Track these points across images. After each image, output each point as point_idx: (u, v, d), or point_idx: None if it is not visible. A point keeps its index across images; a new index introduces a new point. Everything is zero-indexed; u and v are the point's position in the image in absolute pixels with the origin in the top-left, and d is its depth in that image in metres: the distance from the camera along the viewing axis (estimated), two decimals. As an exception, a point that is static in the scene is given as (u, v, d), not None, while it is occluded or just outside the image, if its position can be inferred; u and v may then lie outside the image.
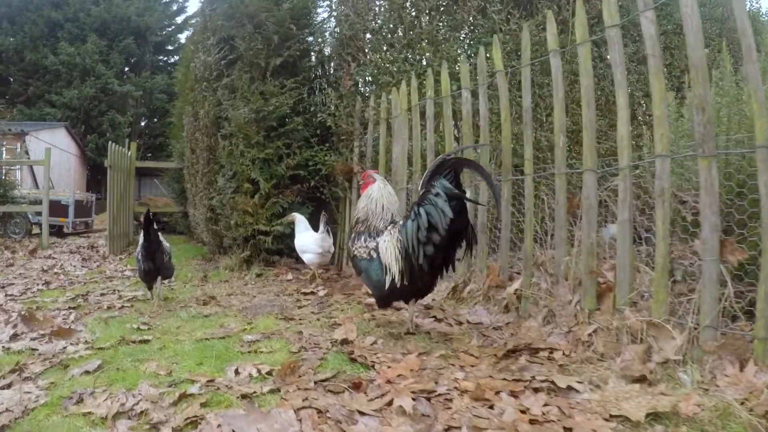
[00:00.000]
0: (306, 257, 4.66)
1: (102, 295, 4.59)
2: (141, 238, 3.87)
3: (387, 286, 2.68)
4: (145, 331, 3.20)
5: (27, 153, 18.21)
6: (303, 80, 5.92)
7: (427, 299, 3.47)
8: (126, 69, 28.35)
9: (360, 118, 5.62)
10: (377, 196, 2.93)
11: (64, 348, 2.83)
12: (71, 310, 3.91)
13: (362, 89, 5.89)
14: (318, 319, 3.43)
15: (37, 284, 5.28)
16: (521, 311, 3.17)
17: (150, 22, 27.74)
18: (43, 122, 23.33)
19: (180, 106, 12.73)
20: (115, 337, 2.99)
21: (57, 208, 13.32)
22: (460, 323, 3.13)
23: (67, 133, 23.68)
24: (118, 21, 26.81)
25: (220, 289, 4.74)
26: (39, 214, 11.07)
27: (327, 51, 6.51)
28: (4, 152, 18.93)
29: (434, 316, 3.27)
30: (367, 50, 5.80)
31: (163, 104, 27.38)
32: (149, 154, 27.06)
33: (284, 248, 5.72)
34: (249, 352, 2.66)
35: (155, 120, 28.77)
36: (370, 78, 5.73)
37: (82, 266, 6.92)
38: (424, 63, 5.46)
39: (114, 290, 4.75)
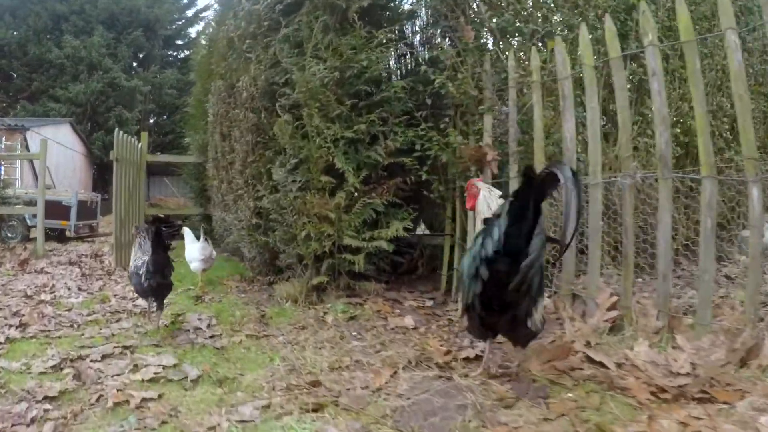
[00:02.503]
0: (193, 266, 4.81)
1: (105, 357, 2.70)
2: (144, 249, 3.25)
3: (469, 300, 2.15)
4: None
5: (27, 150, 16.36)
6: (399, 30, 4.04)
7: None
8: (134, 64, 26.50)
9: (494, 82, 3.74)
10: (480, 208, 2.60)
11: None
12: (49, 407, 2.04)
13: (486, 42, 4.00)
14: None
15: (9, 326, 3.40)
16: None
17: (160, 15, 25.87)
18: (46, 118, 21.48)
19: (198, 92, 10.88)
20: None
21: (58, 210, 11.47)
22: None
23: (72, 129, 21.78)
24: (127, 13, 24.95)
25: (305, 346, 2.82)
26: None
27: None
28: (3, 149, 17.09)
29: None
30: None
31: (173, 100, 25.56)
32: (158, 153, 25.13)
33: (372, 270, 3.85)
34: None
35: (165, 117, 26.89)
36: (499, 27, 3.84)
37: (80, 288, 5.03)
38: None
39: (124, 348, 2.84)
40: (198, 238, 4.83)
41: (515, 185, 3.63)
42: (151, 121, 26.84)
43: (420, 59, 4.37)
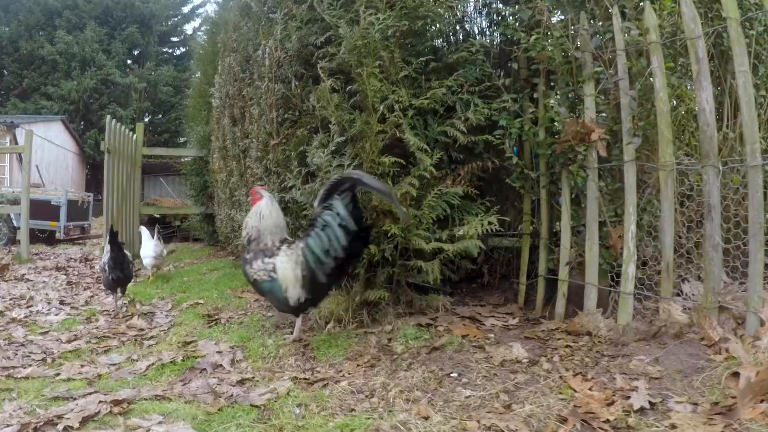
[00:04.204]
0: (146, 261, 5.05)
1: (86, 422, 1.74)
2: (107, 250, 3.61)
3: (292, 301, 2.55)
4: None
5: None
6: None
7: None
8: (129, 61, 25.36)
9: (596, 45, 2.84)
10: (266, 212, 2.75)
11: None
12: None
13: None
14: None
15: (-40, 360, 2.45)
16: None
17: (155, 10, 24.74)
18: (37, 115, 20.35)
19: (198, 83, 9.91)
20: None
21: (46, 210, 10.49)
22: None
23: (64, 127, 20.63)
24: (121, 8, 23.82)
25: (388, 399, 1.84)
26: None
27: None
28: (-9, 146, 15.99)
29: None
30: None
31: (169, 98, 24.48)
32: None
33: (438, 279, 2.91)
34: None
35: (160, 115, 25.75)
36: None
37: (63, 301, 4.06)
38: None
39: (115, 403, 1.87)
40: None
41: (631, 171, 2.77)
42: (146, 119, 25.65)
43: (500, 14, 3.45)
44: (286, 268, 2.55)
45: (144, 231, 5.45)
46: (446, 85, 2.76)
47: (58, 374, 2.25)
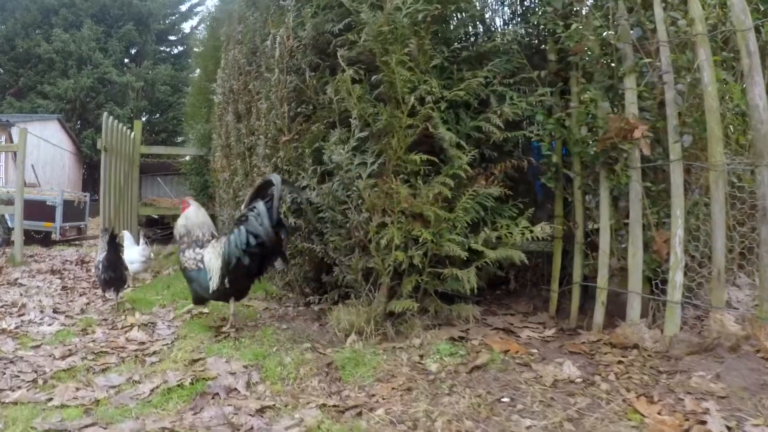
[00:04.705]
0: (133, 267, 4.68)
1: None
2: (103, 250, 3.80)
3: (212, 290, 2.83)
4: None
5: (11, 146, 14.92)
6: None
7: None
8: (126, 60, 24.96)
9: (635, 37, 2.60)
10: (193, 215, 3.11)
11: None
12: None
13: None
14: None
15: (-61, 381, 2.17)
16: None
17: (153, 8, 24.33)
18: (33, 114, 19.96)
19: (197, 80, 9.63)
20: None
21: (42, 210, 10.17)
22: None
23: (60, 126, 20.26)
24: (118, 5, 23.42)
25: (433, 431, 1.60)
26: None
27: None
28: (-15, 145, 15.64)
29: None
30: None
31: (167, 97, 24.11)
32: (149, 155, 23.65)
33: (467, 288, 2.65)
34: None
35: (157, 115, 25.37)
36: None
37: (57, 310, 3.77)
38: None
39: None
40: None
41: (678, 171, 2.53)
42: (144, 118, 25.26)
43: (524, 3, 3.20)
44: (212, 259, 2.83)
45: (127, 236, 5.15)
46: (481, 76, 2.49)
47: (50, 399, 1.98)
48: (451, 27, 2.66)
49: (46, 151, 18.43)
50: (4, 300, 4.19)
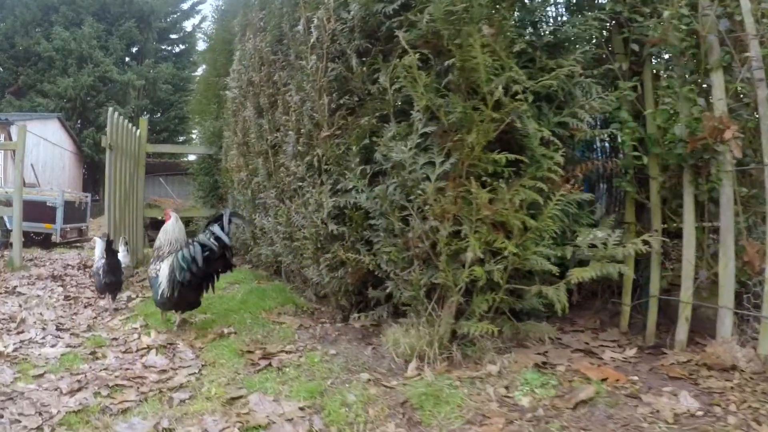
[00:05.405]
0: None
1: None
2: (101, 255, 3.99)
3: (160, 297, 3.06)
4: None
5: (11, 146, 14.45)
6: None
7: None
8: (127, 58, 24.46)
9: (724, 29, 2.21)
10: (170, 229, 3.32)
11: None
12: None
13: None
14: None
15: None
16: None
17: (154, 6, 23.84)
18: (32, 113, 19.47)
19: (204, 78, 9.20)
20: None
21: (42, 211, 9.76)
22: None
23: (60, 125, 19.77)
24: (119, 3, 22.93)
25: None
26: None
27: None
28: (-17, 143, 15.15)
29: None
30: None
31: (168, 96, 23.65)
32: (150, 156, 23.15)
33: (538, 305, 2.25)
34: None
35: (159, 114, 24.89)
36: None
37: (60, 325, 3.34)
38: None
39: None
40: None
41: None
42: (145, 117, 24.87)
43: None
44: (164, 271, 3.08)
45: (98, 242, 4.67)
46: (567, 66, 2.08)
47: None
48: (535, 4, 2.26)
49: (45, 150, 17.97)
50: (2, 312, 3.77)
